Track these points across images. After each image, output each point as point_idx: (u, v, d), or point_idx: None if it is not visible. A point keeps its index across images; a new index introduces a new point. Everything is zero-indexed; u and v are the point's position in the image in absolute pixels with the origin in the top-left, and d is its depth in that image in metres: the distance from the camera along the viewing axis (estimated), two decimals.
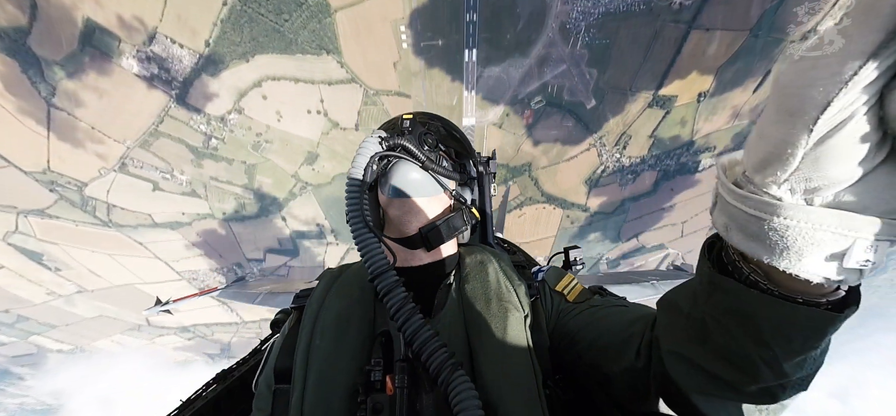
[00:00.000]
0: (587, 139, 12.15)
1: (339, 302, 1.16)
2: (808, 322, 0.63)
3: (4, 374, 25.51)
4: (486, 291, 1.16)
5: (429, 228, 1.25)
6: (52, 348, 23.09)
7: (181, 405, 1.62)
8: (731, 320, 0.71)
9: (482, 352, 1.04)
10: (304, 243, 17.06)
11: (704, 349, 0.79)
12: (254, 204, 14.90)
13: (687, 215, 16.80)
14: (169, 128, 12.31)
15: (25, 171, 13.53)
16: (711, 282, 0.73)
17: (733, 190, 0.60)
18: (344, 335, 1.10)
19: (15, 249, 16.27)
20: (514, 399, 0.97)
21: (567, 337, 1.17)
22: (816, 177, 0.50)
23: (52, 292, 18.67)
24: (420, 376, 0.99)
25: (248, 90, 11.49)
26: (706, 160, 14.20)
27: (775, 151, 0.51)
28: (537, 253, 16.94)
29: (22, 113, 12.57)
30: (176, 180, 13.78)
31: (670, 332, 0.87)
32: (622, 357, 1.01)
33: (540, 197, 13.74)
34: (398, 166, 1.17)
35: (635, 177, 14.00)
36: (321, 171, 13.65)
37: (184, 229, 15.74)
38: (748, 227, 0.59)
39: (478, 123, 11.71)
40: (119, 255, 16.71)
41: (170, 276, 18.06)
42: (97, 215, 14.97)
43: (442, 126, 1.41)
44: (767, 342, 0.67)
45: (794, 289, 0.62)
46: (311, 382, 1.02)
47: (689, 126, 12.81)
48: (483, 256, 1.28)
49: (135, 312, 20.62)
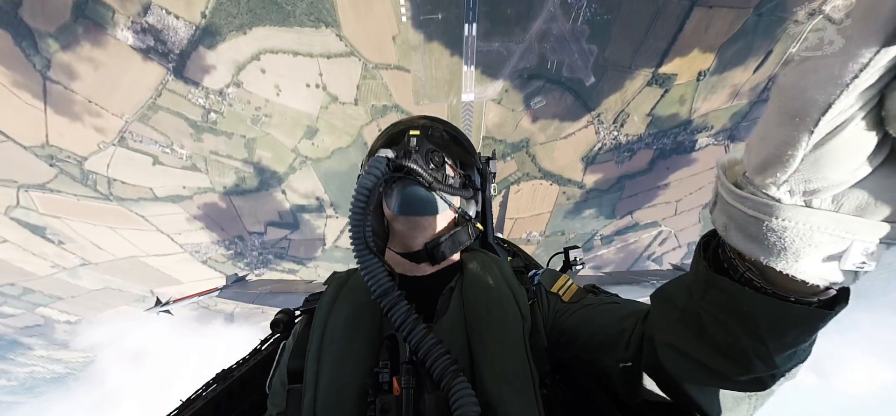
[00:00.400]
0: (585, 116, 12.19)
1: (348, 307, 1.20)
2: (801, 320, 0.65)
3: (14, 344, 26.08)
4: (488, 298, 1.20)
5: (434, 244, 1.31)
6: (59, 319, 23.55)
7: (181, 405, 1.61)
8: (727, 316, 0.73)
9: (482, 355, 1.08)
10: (304, 216, 17.23)
11: (699, 343, 0.81)
12: (254, 178, 14.98)
13: (681, 194, 16.98)
14: (167, 101, 12.24)
15: (24, 145, 13.48)
16: (708, 280, 0.75)
17: (733, 191, 0.61)
18: (353, 339, 1.13)
19: (17, 223, 16.38)
20: (512, 400, 1.01)
21: (564, 336, 1.23)
22: (816, 179, 0.51)
23: (56, 265, 18.90)
24: (423, 377, 1.02)
25: (246, 63, 11.40)
26: (703, 140, 14.26)
27: (776, 152, 0.52)
28: (532, 228, 17.29)
29: (17, 86, 12.43)
30: (176, 154, 13.80)
31: (665, 326, 0.90)
32: (614, 351, 1.06)
33: (537, 173, 13.88)
34: (405, 185, 1.20)
35: (632, 155, 14.13)
36: (320, 145, 13.68)
37: (185, 203, 15.86)
38: (747, 227, 0.60)
39: (477, 98, 11.70)
40: (121, 228, 16.88)
41: (173, 249, 18.31)
42: (98, 188, 15.03)
43: (446, 131, 1.44)
44: (762, 338, 0.69)
45: (787, 288, 0.64)
46: (324, 383, 1.06)
47: (688, 104, 12.82)
48: (485, 263, 1.33)
49: (139, 283, 20.99)
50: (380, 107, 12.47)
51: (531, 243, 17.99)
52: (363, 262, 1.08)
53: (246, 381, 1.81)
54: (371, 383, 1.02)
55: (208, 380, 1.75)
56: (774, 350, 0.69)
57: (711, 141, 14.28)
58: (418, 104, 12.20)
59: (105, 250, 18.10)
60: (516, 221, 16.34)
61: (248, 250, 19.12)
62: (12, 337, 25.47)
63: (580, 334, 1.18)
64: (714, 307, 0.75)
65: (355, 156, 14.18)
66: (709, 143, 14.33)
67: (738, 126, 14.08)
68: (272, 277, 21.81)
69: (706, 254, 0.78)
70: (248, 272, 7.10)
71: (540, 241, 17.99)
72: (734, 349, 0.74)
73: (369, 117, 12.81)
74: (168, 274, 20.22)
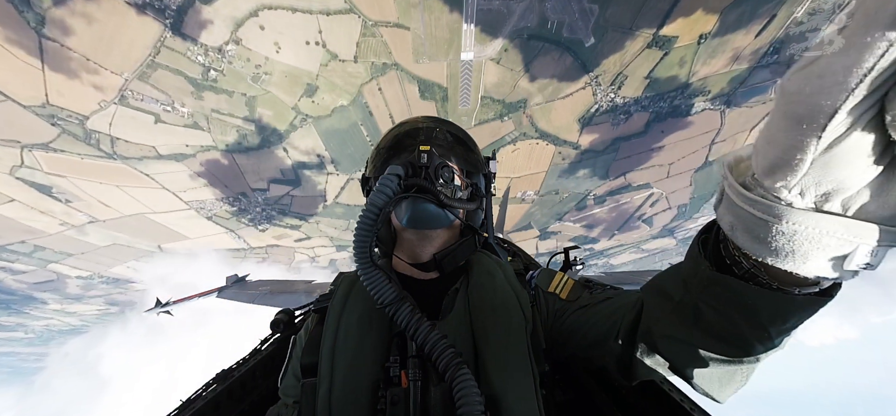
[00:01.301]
0: (583, 78, 12.16)
1: (360, 305, 1.24)
2: (804, 307, 0.67)
3: (28, 299, 26.96)
4: (493, 298, 1.25)
5: (443, 255, 1.36)
6: (71, 274, 24.28)
7: (181, 405, 1.61)
8: (728, 308, 0.75)
9: (487, 352, 1.11)
10: (305, 172, 17.51)
11: (697, 331, 0.84)
12: (255, 135, 15.13)
13: (674, 157, 17.20)
14: (166, 59, 12.18)
15: (24, 105, 13.48)
16: (710, 279, 0.76)
17: (742, 192, 0.60)
18: (366, 336, 1.17)
19: (23, 182, 16.58)
20: (515, 396, 1.05)
21: (562, 337, 1.27)
22: (826, 182, 0.51)
23: (64, 222, 19.29)
24: (430, 371, 1.07)
25: (244, 20, 11.28)
26: (699, 104, 14.28)
27: (785, 156, 0.52)
28: (528, 187, 17.69)
29: (10, 43, 12.27)
30: (177, 113, 13.88)
31: (662, 319, 0.93)
32: (606, 344, 1.11)
33: (534, 133, 14.03)
34: (417, 202, 1.22)
35: (628, 117, 14.19)
36: (321, 103, 13.75)
37: (188, 161, 16.08)
38: (755, 229, 0.59)
39: (476, 57, 11.70)
40: (127, 186, 17.17)
41: (178, 206, 18.70)
42: (101, 147, 15.16)
43: (451, 134, 1.48)
44: (765, 326, 0.72)
45: (789, 281, 0.66)
46: (339, 377, 1.10)
47: (687, 67, 12.76)
48: (490, 265, 1.39)
49: (146, 240, 21.55)
50: (379, 65, 12.47)
51: (526, 202, 18.44)
52: (367, 277, 1.12)
53: (246, 381, 1.84)
54: (382, 377, 1.09)
55: (208, 380, 1.77)
56: (776, 334, 0.73)
57: (707, 106, 14.31)
58: (418, 63, 12.20)
59: (112, 208, 18.47)
60: (512, 180, 16.56)
61: (251, 206, 19.55)
62: (26, 293, 26.30)
63: (576, 334, 1.23)
64: (715, 301, 0.77)
65: (355, 114, 14.28)
66: (705, 107, 14.39)
67: (736, 92, 14.01)
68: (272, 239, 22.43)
69: (705, 251, 0.80)
70: (248, 273, 7.22)
71: (535, 199, 18.38)
72: (734, 336, 0.78)
73: (369, 75, 12.83)
74: (174, 230, 20.73)
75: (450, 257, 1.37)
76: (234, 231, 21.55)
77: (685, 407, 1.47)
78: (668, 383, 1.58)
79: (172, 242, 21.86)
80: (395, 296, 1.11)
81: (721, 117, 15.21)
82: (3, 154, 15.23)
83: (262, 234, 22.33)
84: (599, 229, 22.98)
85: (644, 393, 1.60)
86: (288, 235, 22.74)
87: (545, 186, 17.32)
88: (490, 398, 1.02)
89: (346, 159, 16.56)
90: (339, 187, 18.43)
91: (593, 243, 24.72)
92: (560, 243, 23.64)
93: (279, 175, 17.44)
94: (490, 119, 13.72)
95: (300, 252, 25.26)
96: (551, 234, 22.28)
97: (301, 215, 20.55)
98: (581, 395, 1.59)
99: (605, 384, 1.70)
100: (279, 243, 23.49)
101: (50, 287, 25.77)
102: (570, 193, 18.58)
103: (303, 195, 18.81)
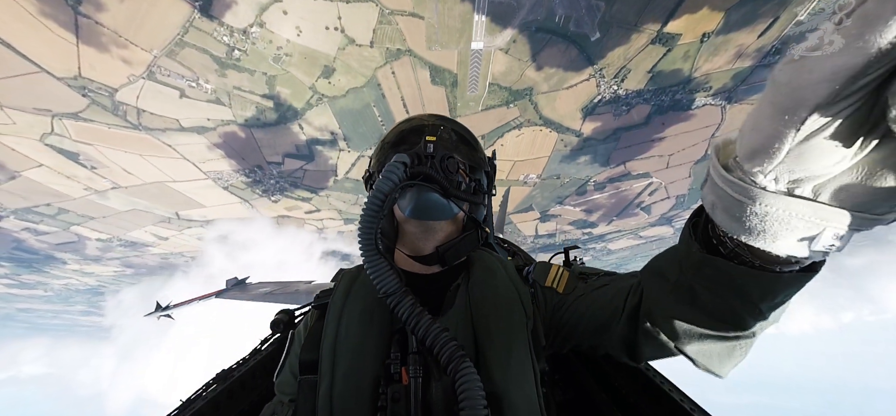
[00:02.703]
0: (588, 69, 12.59)
1: (362, 301, 1.23)
2: (790, 284, 0.71)
3: (50, 259, 28.19)
4: (495, 296, 1.24)
5: (446, 248, 1.35)
6: (92, 236, 25.40)
7: (181, 406, 1.60)
8: (721, 288, 0.78)
9: (489, 348, 1.10)
10: (318, 148, 18.25)
11: (693, 309, 0.87)
12: (273, 112, 15.84)
13: (674, 149, 17.65)
14: (193, 38, 12.85)
15: (57, 76, 14.22)
16: (701, 260, 0.79)
17: (723, 174, 0.63)
18: (368, 332, 1.15)
19: (52, 149, 17.42)
20: (517, 392, 1.04)
21: (564, 330, 1.27)
22: (799, 170, 0.54)
23: (88, 187, 20.19)
24: (431, 366, 1.06)
25: (269, 4, 11.90)
26: (700, 99, 14.56)
27: (765, 143, 0.53)
28: (530, 171, 18.38)
29: (46, 17, 12.92)
30: (201, 89, 14.60)
31: (661, 301, 0.95)
32: (609, 329, 1.12)
33: (538, 120, 14.57)
34: (421, 191, 1.21)
35: (629, 108, 14.53)
36: (336, 84, 14.41)
37: (209, 134, 16.85)
38: (732, 209, 0.62)
39: (485, 46, 12.29)
40: (149, 155, 18.00)
41: (197, 175, 19.58)
42: (128, 118, 15.94)
43: (455, 131, 1.48)
44: (755, 303, 0.76)
45: (769, 260, 0.69)
46: (341, 373, 1.08)
47: (690, 62, 13.06)
48: (491, 262, 1.38)
49: (165, 206, 22.53)
50: (394, 50, 13.09)
51: (528, 185, 19.17)
52: (371, 263, 1.10)
53: (246, 381, 1.84)
54: (383, 374, 1.07)
55: (208, 380, 1.77)
56: (767, 309, 0.76)
57: (708, 101, 14.53)
58: (430, 50, 12.83)
59: (134, 175, 19.35)
60: (515, 163, 17.23)
61: (266, 178, 20.40)
62: (48, 252, 27.44)
63: (578, 326, 1.23)
64: (708, 282, 0.80)
65: (368, 95, 14.95)
66: (706, 103, 14.64)
67: (737, 89, 14.22)
68: (284, 210, 23.33)
69: (696, 233, 0.83)
70: (247, 276, 7.22)
71: (536, 183, 19.08)
72: (728, 313, 0.80)
73: (384, 60, 13.46)
74: (192, 198, 21.68)
75: (452, 251, 1.37)
76: (248, 201, 22.46)
77: (685, 407, 1.47)
78: (669, 383, 1.59)
79: (190, 209, 22.83)
80: (397, 286, 1.10)
81: (721, 113, 15.52)
82: (34, 122, 16.06)
83: (275, 204, 23.23)
84: (599, 214, 23.62)
85: (644, 393, 1.59)
86: (299, 206, 23.64)
87: (547, 170, 17.94)
88: (491, 394, 1.00)
89: (358, 137, 17.29)
90: (350, 164, 19.18)
91: (592, 228, 25.50)
92: (560, 226, 24.47)
93: (294, 150, 18.18)
94: (496, 105, 14.38)
95: (310, 223, 26.18)
96: (552, 216, 23.08)
97: (312, 188, 21.35)
98: (581, 395, 1.57)
99: (605, 383, 1.69)
100: (290, 214, 24.44)
101: (70, 248, 26.83)
102: (571, 179, 19.13)
103: (315, 170, 19.57)
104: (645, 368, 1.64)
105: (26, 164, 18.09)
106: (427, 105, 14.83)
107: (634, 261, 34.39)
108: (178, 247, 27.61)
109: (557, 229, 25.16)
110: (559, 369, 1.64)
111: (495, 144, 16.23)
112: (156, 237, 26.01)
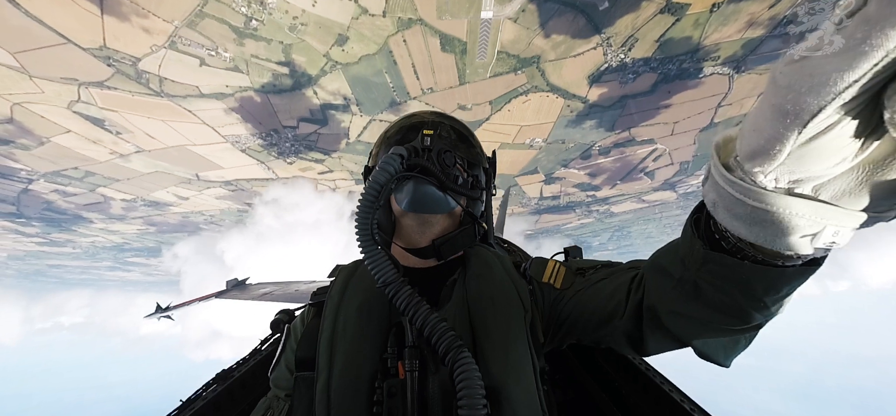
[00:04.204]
0: (595, 38, 12.71)
1: (359, 296, 1.24)
2: (793, 277, 0.70)
3: (77, 219, 29.71)
4: (492, 289, 1.24)
5: (441, 241, 1.36)
6: (116, 197, 26.68)
7: (181, 406, 1.59)
8: (725, 283, 0.78)
9: (486, 341, 1.11)
10: (331, 112, 18.86)
11: (698, 304, 0.87)
12: (289, 79, 16.38)
13: (680, 116, 17.71)
14: (213, 9, 13.29)
15: (83, 47, 14.81)
16: (705, 257, 0.79)
17: (724, 173, 0.63)
18: (366, 326, 1.17)
19: (79, 116, 18.23)
20: (515, 386, 1.04)
21: (564, 325, 1.27)
22: (799, 171, 0.54)
23: (113, 151, 21.12)
24: (428, 360, 1.06)
25: None
26: (708, 68, 14.46)
27: (765, 145, 0.53)
28: (536, 135, 18.91)
29: None
30: (220, 57, 15.16)
31: (665, 297, 0.95)
32: (612, 323, 1.12)
33: (545, 87, 14.84)
34: (417, 183, 1.22)
35: (636, 77, 14.52)
36: (350, 52, 14.82)
37: (227, 100, 17.52)
38: (733, 208, 0.63)
39: (495, 15, 12.56)
40: (171, 121, 18.78)
41: (216, 139, 20.42)
42: (151, 86, 16.61)
43: (454, 129, 1.48)
44: (760, 297, 0.75)
45: (771, 254, 0.69)
46: (338, 368, 1.10)
47: (700, 31, 12.97)
48: (487, 256, 1.38)
49: (185, 168, 23.53)
50: (405, 19, 13.43)
51: (534, 148, 19.68)
52: (368, 253, 1.10)
53: (246, 381, 1.86)
54: (380, 368, 1.08)
55: (208, 380, 1.77)
56: (771, 303, 0.76)
57: (716, 70, 14.44)
58: (441, 19, 13.19)
59: (156, 139, 20.22)
60: (521, 127, 17.69)
61: (281, 141, 21.17)
62: (75, 212, 28.87)
63: (578, 321, 1.22)
64: (712, 277, 0.80)
65: (380, 62, 15.41)
66: (714, 71, 14.55)
67: (746, 58, 14.04)
68: (298, 171, 24.22)
69: (698, 229, 0.82)
70: (247, 276, 7.23)
71: (542, 147, 19.59)
72: (734, 307, 0.81)
73: (395, 28, 13.81)
74: (211, 160, 22.64)
75: (448, 244, 1.37)
76: (265, 163, 23.33)
77: (685, 407, 1.45)
78: (669, 383, 1.56)
79: (209, 170, 23.82)
80: (395, 276, 1.09)
81: (729, 82, 15.44)
82: (62, 91, 16.81)
83: (290, 166, 24.12)
84: (602, 178, 24.13)
85: (644, 393, 1.58)
86: (312, 167, 24.51)
87: (553, 134, 18.36)
88: (490, 387, 0.99)
89: (369, 102, 17.85)
90: (362, 127, 19.77)
91: (596, 191, 26.17)
92: (564, 188, 25.18)
93: (308, 115, 18.78)
94: (505, 72, 14.81)
95: (322, 183, 27.14)
96: (556, 179, 23.77)
97: (325, 150, 22.06)
98: (581, 395, 1.54)
99: (605, 383, 1.66)
100: (304, 174, 25.38)
101: (96, 208, 28.11)
102: (576, 144, 19.50)
103: (328, 133, 20.23)
104: (645, 368, 1.63)
105: (55, 130, 18.99)
106: (437, 72, 15.30)
107: (637, 224, 35.23)
108: (198, 207, 28.82)
109: (562, 191, 25.85)
110: (558, 368, 1.58)
111: (503, 109, 16.76)
112: (177, 197, 27.12)
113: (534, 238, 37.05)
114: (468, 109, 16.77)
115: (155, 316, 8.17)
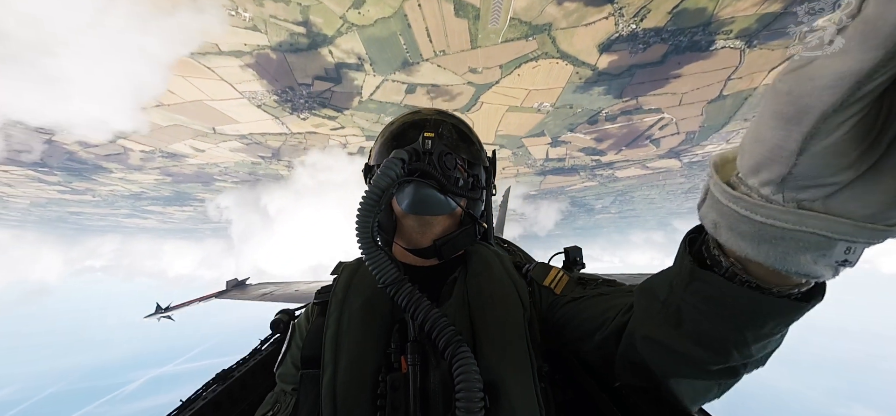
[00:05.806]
0: (607, 7, 12.66)
1: (362, 293, 1.28)
2: (781, 311, 0.68)
3: (97, 168, 30.86)
4: (491, 287, 1.28)
5: (442, 241, 1.41)
6: (135, 148, 27.64)
7: (181, 406, 1.61)
8: (708, 306, 0.76)
9: (485, 338, 1.14)
10: (345, 71, 19.32)
11: (677, 333, 0.85)
12: (305, 38, 16.82)
13: (688, 87, 17.59)
14: None
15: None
16: (692, 274, 0.78)
17: (726, 190, 0.62)
18: (370, 323, 1.21)
19: None
20: (514, 382, 1.07)
21: (555, 329, 1.31)
22: (805, 181, 0.52)
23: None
24: (429, 355, 1.10)
25: None
26: (720, 41, 14.26)
27: (770, 155, 0.52)
28: (544, 100, 19.33)
29: None
30: (240, 17, 15.60)
31: (646, 318, 0.94)
32: (592, 338, 1.15)
33: (555, 53, 15.05)
34: (418, 187, 1.27)
35: (646, 47, 14.44)
36: (366, 14, 15.15)
37: (245, 57, 18.03)
38: (738, 226, 0.61)
39: None
40: (190, 77, 19.39)
41: (233, 95, 21.03)
42: None
43: (455, 128, 1.52)
44: (740, 328, 0.73)
45: (769, 281, 0.68)
46: (344, 363, 1.13)
47: (715, 2, 12.68)
48: (487, 255, 1.41)
49: (202, 122, 24.27)
50: None
51: (541, 112, 19.98)
52: (369, 256, 1.15)
53: (246, 381, 1.89)
54: (383, 363, 1.14)
55: (208, 380, 1.80)
56: (752, 339, 0.74)
57: (728, 44, 14.34)
58: None
59: (176, 95, 20.89)
60: (530, 91, 17.96)
61: (296, 98, 21.74)
62: (95, 163, 29.95)
63: (567, 327, 1.26)
64: (696, 298, 0.79)
65: (394, 25, 15.78)
66: (725, 45, 14.44)
67: (759, 33, 13.76)
68: (311, 127, 24.85)
69: (692, 250, 0.82)
70: (247, 277, 7.58)
71: (550, 111, 19.87)
72: (712, 339, 0.79)
73: None
74: (228, 115, 23.33)
75: (449, 244, 1.42)
76: (279, 118, 24.00)
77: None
78: None
79: (225, 124, 24.57)
80: (396, 275, 1.13)
81: (740, 56, 15.18)
82: None
83: (303, 122, 24.78)
84: (608, 143, 24.31)
85: (644, 393, 1.49)
86: (325, 124, 25.14)
87: (560, 100, 18.59)
88: (488, 382, 1.02)
89: (383, 62, 18.28)
90: (374, 87, 20.26)
91: (601, 155, 26.56)
92: (569, 151, 25.73)
93: (323, 73, 19.22)
94: (516, 38, 15.17)
95: (334, 139, 27.84)
96: (562, 143, 24.26)
97: (338, 107, 22.58)
98: (580, 395, 1.56)
99: (604, 383, 1.66)
100: (317, 131, 26.07)
101: (115, 159, 29.08)
102: (584, 109, 19.63)
103: (341, 91, 20.72)
104: None
105: None
106: (450, 36, 15.68)
107: (640, 189, 35.71)
108: (214, 159, 29.79)
109: (567, 155, 26.32)
110: (558, 368, 1.61)
111: (513, 73, 17.18)
112: (193, 150, 27.99)
113: (533, 200, 37.80)
114: (479, 72, 17.22)
115: (155, 316, 8.12)
